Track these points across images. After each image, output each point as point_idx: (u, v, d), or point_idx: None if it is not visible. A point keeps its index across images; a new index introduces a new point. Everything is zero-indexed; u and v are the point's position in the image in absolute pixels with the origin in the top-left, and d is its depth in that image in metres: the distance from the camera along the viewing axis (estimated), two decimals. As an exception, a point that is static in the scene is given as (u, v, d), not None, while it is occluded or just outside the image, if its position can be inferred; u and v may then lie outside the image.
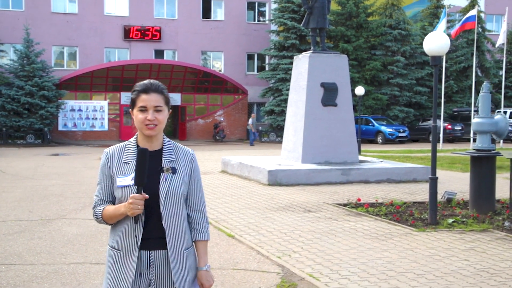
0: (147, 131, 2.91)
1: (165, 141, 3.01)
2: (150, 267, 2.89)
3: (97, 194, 3.00)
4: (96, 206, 2.98)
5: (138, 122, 2.91)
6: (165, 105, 2.96)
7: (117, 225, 2.94)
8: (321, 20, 16.37)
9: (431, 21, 40.82)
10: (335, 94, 15.94)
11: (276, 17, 37.83)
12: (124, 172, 2.90)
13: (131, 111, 2.98)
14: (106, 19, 38.67)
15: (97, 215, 2.96)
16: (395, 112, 39.15)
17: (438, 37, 9.22)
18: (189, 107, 38.58)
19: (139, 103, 2.91)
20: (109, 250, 2.98)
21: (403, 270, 6.54)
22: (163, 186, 2.89)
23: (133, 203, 2.74)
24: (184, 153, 3.04)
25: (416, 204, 11.29)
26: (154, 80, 2.99)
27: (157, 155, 2.95)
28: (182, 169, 2.98)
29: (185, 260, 2.95)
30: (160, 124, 2.92)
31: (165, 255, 2.90)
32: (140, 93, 2.92)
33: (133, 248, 2.86)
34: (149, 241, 2.87)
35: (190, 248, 3.01)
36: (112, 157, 2.96)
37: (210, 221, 9.49)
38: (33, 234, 8.28)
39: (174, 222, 2.91)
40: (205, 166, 18.87)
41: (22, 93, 32.40)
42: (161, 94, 2.94)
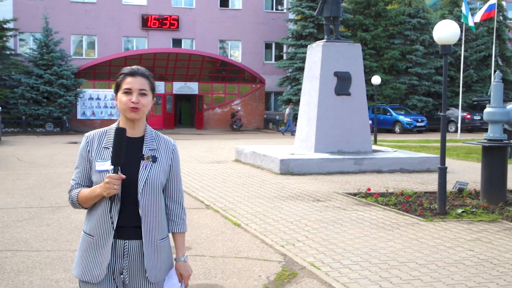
0: (131, 114, 2.87)
1: (147, 129, 2.98)
2: (124, 257, 2.86)
3: (74, 178, 2.95)
4: (72, 189, 2.95)
5: (122, 104, 2.88)
6: (150, 91, 2.94)
7: (92, 210, 2.90)
8: (335, 9, 16.26)
9: (451, 10, 40.34)
10: (349, 83, 15.86)
11: (294, 6, 37.63)
12: (103, 157, 2.87)
13: (115, 96, 2.95)
14: (124, 8, 38.79)
15: (72, 198, 2.92)
16: (414, 102, 38.83)
17: (448, 26, 9.11)
18: (207, 96, 38.64)
19: (124, 86, 2.89)
20: (83, 236, 2.94)
21: (406, 260, 6.52)
22: (142, 174, 2.86)
23: (109, 183, 2.71)
24: (165, 142, 3.02)
25: (427, 194, 11.22)
26: (141, 66, 2.99)
27: (138, 142, 2.93)
28: (162, 158, 2.96)
29: (159, 250, 2.92)
30: (144, 108, 2.89)
31: (140, 245, 2.87)
32: (126, 76, 2.91)
33: (108, 235, 2.83)
34: (124, 229, 2.84)
35: (165, 239, 2.98)
36: (92, 141, 2.92)
37: (218, 209, 9.55)
38: (41, 221, 8.39)
39: (150, 211, 2.88)
40: (219, 155, 18.93)
41: (41, 81, 32.71)
42: (146, 78, 2.93)
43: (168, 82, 37.42)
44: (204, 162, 16.59)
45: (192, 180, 13.05)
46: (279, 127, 36.67)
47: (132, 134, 2.90)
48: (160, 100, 37.42)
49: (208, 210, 9.55)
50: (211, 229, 8.11)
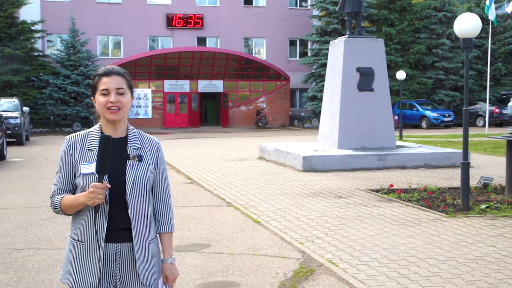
0: (110, 115, 2.81)
1: (129, 129, 2.93)
2: (116, 260, 2.81)
3: (56, 183, 2.88)
4: (54, 195, 2.86)
5: (100, 106, 2.82)
6: (128, 89, 2.87)
7: (78, 216, 2.83)
8: (357, 4, 16.15)
9: (478, 2, 39.71)
10: (371, 78, 15.74)
11: (318, 2, 37.46)
12: (88, 159, 2.80)
13: (92, 98, 2.89)
14: (149, 7, 39.08)
15: (54, 204, 2.84)
16: (441, 96, 38.35)
17: (468, 19, 8.98)
18: (232, 94, 38.73)
19: (100, 87, 2.83)
20: (71, 242, 2.86)
21: (426, 256, 6.46)
22: (129, 174, 2.80)
23: (93, 192, 2.64)
24: (149, 141, 2.96)
25: (451, 189, 11.07)
26: (116, 66, 2.95)
27: (122, 142, 2.87)
28: (148, 157, 2.90)
29: (150, 251, 2.87)
30: (124, 108, 2.83)
31: (131, 248, 2.81)
32: (102, 76, 2.84)
33: (98, 238, 2.76)
34: (114, 232, 2.79)
35: (155, 239, 2.94)
36: (75, 144, 2.85)
37: (239, 207, 9.57)
38: (64, 220, 8.48)
39: (140, 211, 2.83)
40: (243, 153, 18.97)
41: (68, 82, 33.18)
42: (123, 77, 2.86)
43: (193, 81, 37.61)
44: (228, 160, 16.64)
45: (215, 178, 13.10)
46: (304, 123, 36.59)
47: (114, 135, 2.84)
48: (186, 99, 37.64)
49: (229, 208, 9.58)
50: (231, 227, 8.14)
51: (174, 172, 14.32)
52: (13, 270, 6.08)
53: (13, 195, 10.85)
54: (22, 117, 22.82)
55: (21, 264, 6.28)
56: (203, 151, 19.85)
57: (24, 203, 10.04)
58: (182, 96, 37.63)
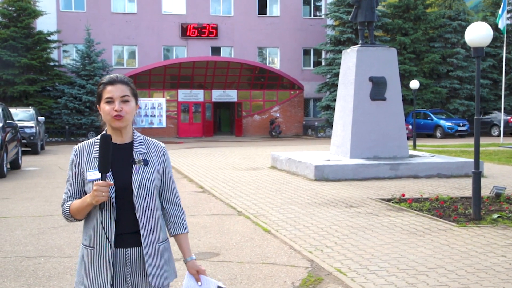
0: (115, 123, 2.87)
1: (135, 135, 2.99)
2: (127, 265, 2.85)
3: (66, 191, 2.94)
4: (64, 203, 2.93)
5: (105, 114, 2.89)
6: (132, 96, 2.93)
7: (89, 221, 2.89)
8: (369, 14, 16.17)
9: (493, 11, 39.51)
10: (384, 88, 15.73)
11: (332, 12, 37.54)
12: (94, 166, 2.85)
13: (98, 107, 2.95)
14: (163, 17, 39.37)
15: (65, 211, 2.91)
16: (455, 106, 38.15)
17: (479, 28, 8.97)
18: (246, 103, 38.81)
19: (105, 95, 2.89)
20: (83, 249, 2.92)
21: (435, 266, 6.43)
22: (135, 177, 2.86)
23: (97, 190, 2.69)
24: (155, 145, 3.02)
25: (463, 199, 11.02)
26: (120, 74, 3.01)
27: (128, 148, 2.93)
28: (154, 161, 2.96)
29: (159, 254, 2.93)
30: (128, 115, 2.89)
31: (141, 252, 2.87)
32: (106, 85, 2.91)
33: (107, 243, 2.81)
34: (123, 236, 2.84)
35: (165, 242, 2.99)
36: (81, 152, 2.92)
37: (249, 215, 9.59)
38: (76, 228, 8.57)
39: (148, 214, 2.88)
40: (256, 162, 19.00)
41: (83, 91, 33.47)
42: (127, 85, 2.92)
43: (207, 90, 37.76)
44: (240, 169, 16.68)
45: (227, 187, 13.14)
46: (318, 133, 36.56)
47: (120, 141, 2.92)
48: (200, 108, 37.78)
49: (239, 217, 9.61)
50: (241, 235, 8.16)
51: (187, 181, 14.38)
52: (24, 278, 6.15)
53: (27, 204, 10.96)
54: (37, 127, 23.05)
55: (32, 272, 6.35)
56: (216, 160, 19.91)
57: (37, 211, 10.14)
58: (196, 105, 37.78)
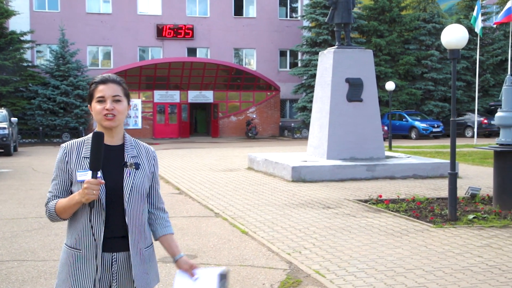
0: (106, 122, 2.82)
1: (126, 137, 2.95)
2: (112, 269, 2.80)
3: (51, 190, 2.86)
4: (48, 202, 2.84)
5: (97, 113, 2.83)
6: (124, 96, 2.90)
7: (75, 222, 2.81)
8: (346, 15, 16.23)
9: (467, 14, 39.97)
10: (361, 89, 15.79)
11: (308, 13, 37.62)
12: (84, 166, 2.79)
13: (89, 106, 2.90)
14: (139, 18, 39.06)
15: (49, 210, 2.80)
16: (430, 107, 38.51)
17: (456, 30, 9.03)
18: (222, 105, 38.70)
19: (96, 94, 2.85)
20: (67, 250, 2.83)
21: (413, 267, 6.45)
22: (127, 181, 2.81)
23: (88, 188, 2.63)
24: (146, 149, 2.99)
25: (439, 200, 11.10)
26: (112, 74, 2.96)
27: (119, 150, 2.89)
28: (145, 165, 2.92)
29: (145, 259, 2.89)
30: (120, 115, 2.85)
31: (127, 257, 2.82)
32: (98, 84, 2.86)
33: (95, 247, 2.76)
34: (111, 240, 2.79)
35: (150, 247, 2.96)
36: (71, 152, 2.84)
37: (227, 217, 9.54)
38: (50, 231, 8.44)
39: (136, 218, 2.85)
40: (232, 163, 18.94)
41: (57, 92, 33.06)
42: (119, 85, 2.89)
43: (183, 91, 37.56)
44: (217, 170, 16.60)
45: (203, 188, 13.05)
46: (294, 134, 36.62)
47: (111, 143, 2.86)
48: (176, 109, 37.58)
49: (216, 218, 9.55)
50: (219, 237, 8.10)
51: (163, 182, 14.26)
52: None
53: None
54: (10, 128, 22.70)
55: (5, 276, 6.21)
56: (193, 161, 19.80)
57: (10, 214, 9.95)
58: (172, 106, 37.57)
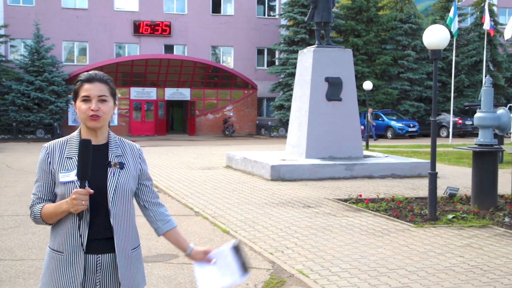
0: (91, 123, 2.74)
1: (110, 136, 2.86)
2: (97, 272, 2.72)
3: (35, 192, 2.78)
4: (33, 205, 2.76)
5: (81, 113, 2.75)
6: (110, 96, 2.80)
7: (59, 225, 2.73)
8: (326, 14, 16.24)
9: (442, 15, 40.38)
10: (340, 88, 15.82)
11: (286, 12, 37.65)
12: (67, 167, 2.71)
13: (74, 104, 2.81)
14: (116, 14, 38.70)
15: (35, 214, 2.73)
16: (406, 107, 38.86)
17: (437, 31, 9.08)
18: (199, 102, 38.54)
19: (82, 93, 2.75)
20: (50, 253, 2.76)
21: (396, 267, 6.45)
22: (111, 181, 2.73)
23: (76, 199, 2.55)
24: (130, 147, 2.90)
25: (418, 199, 11.17)
26: (99, 71, 2.87)
27: (103, 149, 2.80)
28: (130, 164, 2.84)
29: (132, 260, 2.80)
30: (105, 115, 2.76)
31: (113, 259, 2.74)
32: (84, 82, 2.77)
33: (79, 250, 2.68)
34: (95, 242, 2.71)
35: (137, 248, 2.87)
36: (53, 152, 2.76)
37: (207, 216, 9.46)
38: (27, 229, 8.28)
39: (122, 219, 2.76)
40: (210, 161, 18.84)
41: (32, 88, 32.56)
42: (105, 84, 2.79)
43: (160, 88, 37.31)
44: (195, 169, 16.50)
45: (182, 186, 12.95)
46: (271, 132, 36.62)
47: (95, 142, 2.77)
48: (152, 107, 37.31)
49: (197, 217, 9.47)
50: (200, 236, 8.02)
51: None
52: (-26, 282, 5.86)
53: (-26, 204, 10.53)
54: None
55: (-18, 276, 6.06)
56: (170, 159, 19.65)
57: (-15, 212, 9.75)
58: (148, 103, 37.30)
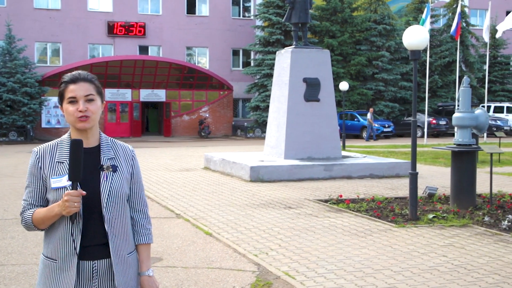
0: (80, 124, 2.64)
1: (102, 137, 2.77)
2: (93, 278, 2.65)
3: (26, 198, 2.69)
4: (24, 211, 2.68)
5: (69, 115, 2.65)
6: (97, 95, 2.71)
7: (51, 231, 2.66)
8: (303, 15, 16.26)
9: (416, 16, 40.79)
10: (318, 89, 15.86)
11: (261, 13, 37.65)
12: (58, 172, 2.63)
13: (60, 107, 2.71)
14: (89, 15, 38.28)
15: (26, 220, 2.65)
16: (380, 107, 39.15)
17: (417, 31, 9.14)
18: (174, 103, 38.31)
19: (67, 94, 2.66)
20: (43, 260, 2.69)
21: (381, 267, 6.46)
22: (104, 186, 2.64)
23: (68, 200, 2.47)
24: (123, 149, 2.82)
25: (398, 199, 11.23)
26: (83, 71, 2.79)
27: (95, 152, 2.71)
28: (123, 167, 2.75)
29: (128, 266, 2.73)
30: (94, 115, 2.67)
31: (109, 264, 2.66)
32: (68, 83, 2.67)
33: (72, 257, 2.60)
34: (90, 249, 2.63)
35: (133, 253, 2.79)
36: (43, 156, 2.67)
37: (189, 218, 9.38)
38: (5, 234, 8.12)
39: (117, 225, 2.68)
40: (188, 163, 18.73)
41: (4, 90, 32.01)
42: (91, 83, 2.70)
43: (135, 90, 37.01)
44: (173, 170, 16.38)
45: (161, 188, 12.84)
46: (247, 133, 36.59)
47: (86, 145, 2.66)
48: (127, 108, 37.00)
49: (178, 219, 9.38)
50: (182, 239, 7.95)
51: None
52: (-47, 289, 5.72)
53: (-52, 208, 10.30)
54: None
55: (-39, 282, 5.92)
56: (147, 161, 19.48)
57: (-39, 216, 9.53)
58: (123, 105, 36.96)
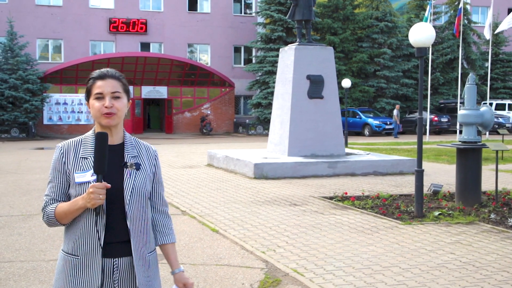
0: (105, 120, 2.65)
1: (126, 136, 2.78)
2: (114, 276, 2.63)
3: (48, 193, 2.68)
4: (46, 206, 2.67)
5: (95, 111, 2.66)
6: (124, 93, 2.72)
7: (73, 227, 2.64)
8: (307, 12, 16.24)
9: (417, 13, 40.79)
10: (321, 86, 15.85)
11: (263, 10, 37.61)
12: (82, 167, 2.63)
13: (87, 103, 2.73)
14: (91, 11, 38.27)
15: (48, 214, 2.64)
16: (382, 104, 39.15)
17: (424, 28, 9.13)
18: (176, 100, 38.33)
19: (94, 90, 2.67)
20: (63, 256, 2.66)
21: (389, 265, 6.46)
22: (127, 183, 2.65)
23: (94, 192, 2.47)
24: (146, 149, 2.82)
25: (403, 196, 11.23)
26: (111, 68, 2.80)
27: (119, 149, 2.72)
28: (146, 165, 2.76)
29: (149, 265, 2.72)
30: (119, 112, 2.67)
31: (130, 262, 2.65)
32: (96, 80, 2.69)
33: (96, 253, 2.59)
34: (112, 246, 2.62)
35: (153, 252, 2.78)
36: (67, 152, 2.67)
37: (194, 215, 9.39)
38: (12, 230, 8.12)
39: (139, 222, 2.68)
40: (191, 160, 18.73)
41: (6, 86, 32.03)
42: (118, 80, 2.71)
43: (136, 86, 37.00)
44: (176, 167, 16.38)
45: (166, 185, 12.84)
46: (249, 130, 36.59)
47: (111, 142, 2.66)
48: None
49: (184, 216, 9.39)
50: (189, 236, 7.95)
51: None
52: (-38, 286, 5.72)
53: (-46, 205, 10.30)
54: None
55: (-29, 279, 5.92)
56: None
57: (-33, 213, 9.54)
58: (124, 102, 36.93)
